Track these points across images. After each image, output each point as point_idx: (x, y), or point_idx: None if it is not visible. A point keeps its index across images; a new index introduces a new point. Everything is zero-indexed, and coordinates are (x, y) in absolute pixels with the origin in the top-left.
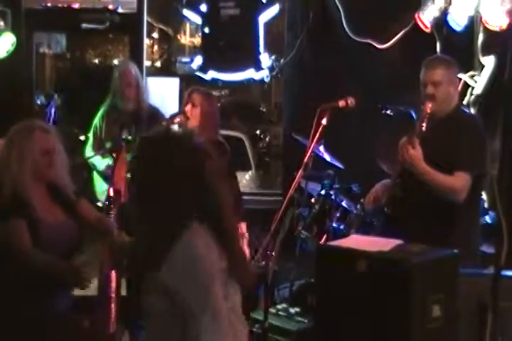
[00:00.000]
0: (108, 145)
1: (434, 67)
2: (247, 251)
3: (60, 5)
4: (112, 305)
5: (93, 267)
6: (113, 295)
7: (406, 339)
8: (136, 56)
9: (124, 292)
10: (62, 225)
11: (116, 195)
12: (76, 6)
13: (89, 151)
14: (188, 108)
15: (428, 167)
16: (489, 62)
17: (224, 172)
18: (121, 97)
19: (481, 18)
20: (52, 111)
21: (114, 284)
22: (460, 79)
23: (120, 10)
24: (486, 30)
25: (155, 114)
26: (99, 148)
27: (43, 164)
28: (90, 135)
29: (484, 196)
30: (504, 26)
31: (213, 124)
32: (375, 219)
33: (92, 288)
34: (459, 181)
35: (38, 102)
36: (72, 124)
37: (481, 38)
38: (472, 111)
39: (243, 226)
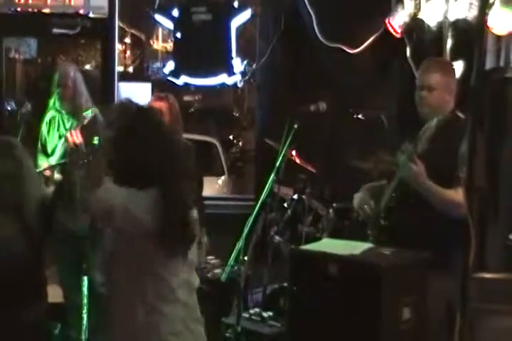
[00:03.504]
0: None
1: (431, 71)
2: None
3: (30, 9)
4: (84, 312)
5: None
6: (85, 301)
7: None
8: (108, 61)
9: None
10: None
11: None
12: (46, 10)
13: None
14: None
15: (430, 183)
16: (458, 67)
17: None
18: (58, 99)
19: (449, 23)
20: (23, 117)
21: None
22: (456, 84)
23: (91, 15)
24: (455, 35)
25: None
26: (44, 152)
27: None
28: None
29: None
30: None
31: (179, 128)
32: (370, 229)
33: (60, 296)
34: (460, 194)
35: (9, 108)
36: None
37: (449, 43)
38: None
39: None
